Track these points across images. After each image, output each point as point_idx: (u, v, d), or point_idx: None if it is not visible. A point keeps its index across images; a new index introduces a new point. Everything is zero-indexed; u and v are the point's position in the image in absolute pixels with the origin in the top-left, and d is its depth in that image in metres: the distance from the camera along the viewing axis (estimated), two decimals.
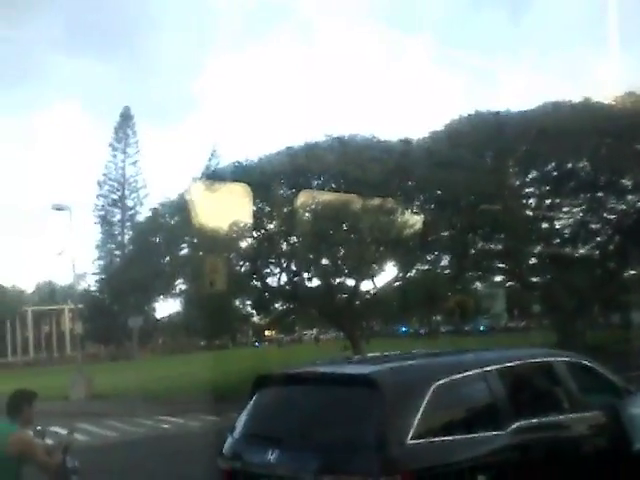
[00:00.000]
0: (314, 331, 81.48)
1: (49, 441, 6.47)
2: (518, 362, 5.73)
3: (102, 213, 76.37)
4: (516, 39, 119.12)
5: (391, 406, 4.45)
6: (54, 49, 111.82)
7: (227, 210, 25.06)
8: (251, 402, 5.44)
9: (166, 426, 19.02)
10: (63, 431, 15.50)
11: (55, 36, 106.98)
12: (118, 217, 76.56)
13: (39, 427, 6.16)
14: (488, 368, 5.17)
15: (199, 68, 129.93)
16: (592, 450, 5.48)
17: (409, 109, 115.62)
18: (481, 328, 57.81)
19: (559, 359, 6.01)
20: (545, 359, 6.03)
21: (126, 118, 75.84)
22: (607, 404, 5.75)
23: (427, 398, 4.56)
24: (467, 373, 5.04)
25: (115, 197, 76.29)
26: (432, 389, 4.63)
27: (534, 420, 5.17)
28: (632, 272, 33.60)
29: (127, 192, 76.15)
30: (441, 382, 4.73)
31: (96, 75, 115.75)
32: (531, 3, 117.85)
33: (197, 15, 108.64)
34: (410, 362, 5.60)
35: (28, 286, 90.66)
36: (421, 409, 4.49)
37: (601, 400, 5.86)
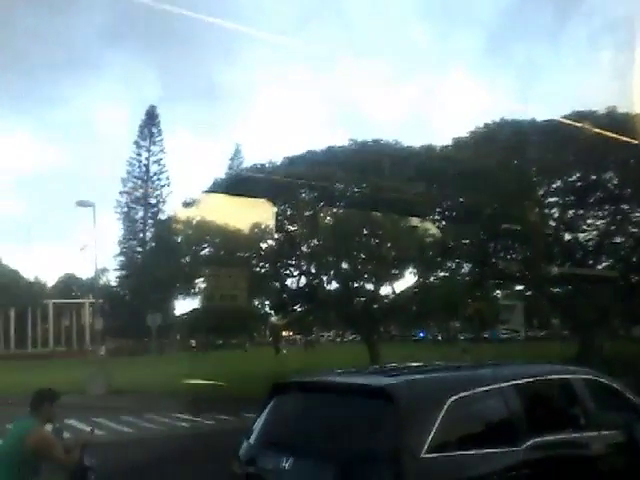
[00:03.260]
0: (331, 333, 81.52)
1: (68, 436, 6.58)
2: (535, 378, 5.68)
3: (125, 210, 77.11)
4: (543, 49, 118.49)
5: (406, 419, 4.45)
6: (95, 37, 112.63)
7: (248, 211, 25.23)
8: (267, 408, 5.49)
9: (183, 424, 19.14)
10: (81, 425, 15.67)
11: (99, 23, 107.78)
12: (141, 214, 77.25)
13: (58, 425, 6.29)
14: (505, 384, 5.15)
15: (229, 66, 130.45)
16: (607, 470, 5.43)
17: (434, 115, 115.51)
18: (500, 337, 57.53)
19: (577, 376, 5.95)
20: (563, 376, 5.98)
21: (151, 116, 76.51)
22: (625, 423, 5.70)
23: (443, 412, 4.56)
24: (484, 388, 5.02)
25: (138, 194, 77.00)
26: (448, 403, 4.62)
27: (550, 437, 5.13)
28: None
29: (150, 190, 76.83)
30: (457, 397, 4.72)
31: (130, 69, 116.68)
32: (565, 14, 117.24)
33: (233, 13, 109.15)
34: (427, 375, 5.60)
35: (50, 279, 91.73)
36: (436, 423, 4.49)
37: (619, 419, 5.80)
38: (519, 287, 39.39)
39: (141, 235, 75.46)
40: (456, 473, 4.52)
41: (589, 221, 29.52)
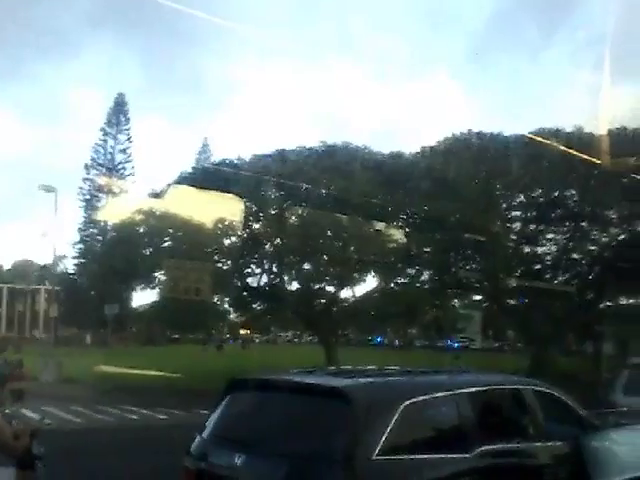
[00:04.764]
0: (289, 333, 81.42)
1: (17, 423, 6.46)
2: (488, 387, 5.81)
3: (87, 197, 75.86)
4: (523, 62, 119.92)
5: (360, 421, 4.50)
6: (75, 21, 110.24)
7: (214, 206, 25.10)
8: (222, 404, 5.47)
9: (133, 417, 18.98)
10: (30, 413, 15.43)
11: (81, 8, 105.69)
12: (103, 202, 76.01)
13: (7, 410, 6.18)
14: (459, 391, 5.25)
15: (209, 60, 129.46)
16: (552, 479, 5.56)
17: (409, 121, 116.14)
18: (455, 346, 58.11)
19: (528, 387, 6.08)
20: (515, 386, 6.12)
21: (120, 104, 75.46)
22: (571, 436, 5.84)
23: (396, 416, 4.61)
24: (438, 394, 5.11)
25: (102, 182, 75.72)
26: (402, 407, 4.68)
27: (499, 445, 5.23)
28: (608, 303, 33.97)
29: (114, 178, 75.62)
30: (412, 401, 4.79)
31: (108, 56, 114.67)
32: (550, 28, 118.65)
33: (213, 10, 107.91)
34: (383, 379, 5.66)
35: (6, 263, 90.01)
36: (390, 426, 4.55)
37: (566, 431, 5.94)
38: (477, 297, 39.83)
39: (102, 224, 74.25)
40: (406, 476, 4.58)
41: (549, 236, 30.07)
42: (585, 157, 19.77)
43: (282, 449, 4.65)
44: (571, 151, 20.19)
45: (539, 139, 23.31)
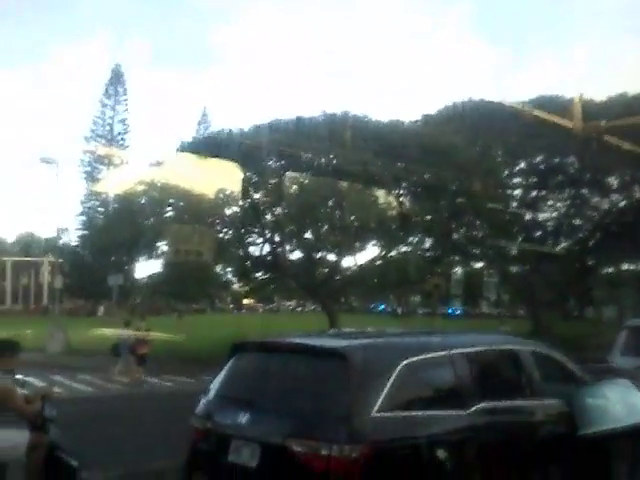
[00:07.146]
0: (292, 302, 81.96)
1: (27, 390, 6.66)
2: (485, 347, 5.96)
3: (88, 169, 75.80)
4: (521, 32, 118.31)
5: (359, 380, 4.67)
6: None
7: (214, 176, 25.11)
8: (227, 366, 5.65)
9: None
10: (38, 382, 15.70)
11: None
12: (104, 174, 75.85)
13: (19, 376, 6.36)
14: (455, 351, 5.40)
15: (204, 29, 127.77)
16: (546, 435, 5.74)
17: (406, 91, 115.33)
18: (457, 312, 58.59)
19: (524, 347, 6.24)
20: (511, 346, 6.27)
21: (117, 75, 75.01)
22: (563, 392, 6.02)
23: (394, 375, 4.78)
24: (435, 354, 5.26)
25: (102, 153, 75.55)
26: (400, 367, 4.85)
27: (495, 403, 5.40)
28: (609, 269, 34.18)
29: (114, 149, 75.39)
30: (409, 361, 4.94)
31: (107, 25, 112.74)
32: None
33: None
34: (381, 339, 5.83)
35: (9, 236, 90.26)
36: (388, 385, 4.72)
37: (562, 390, 6.11)
38: (479, 264, 40.02)
39: (104, 195, 74.23)
40: (404, 432, 4.76)
41: (550, 202, 30.16)
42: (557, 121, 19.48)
43: (285, 407, 4.84)
44: (546, 117, 19.86)
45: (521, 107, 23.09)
